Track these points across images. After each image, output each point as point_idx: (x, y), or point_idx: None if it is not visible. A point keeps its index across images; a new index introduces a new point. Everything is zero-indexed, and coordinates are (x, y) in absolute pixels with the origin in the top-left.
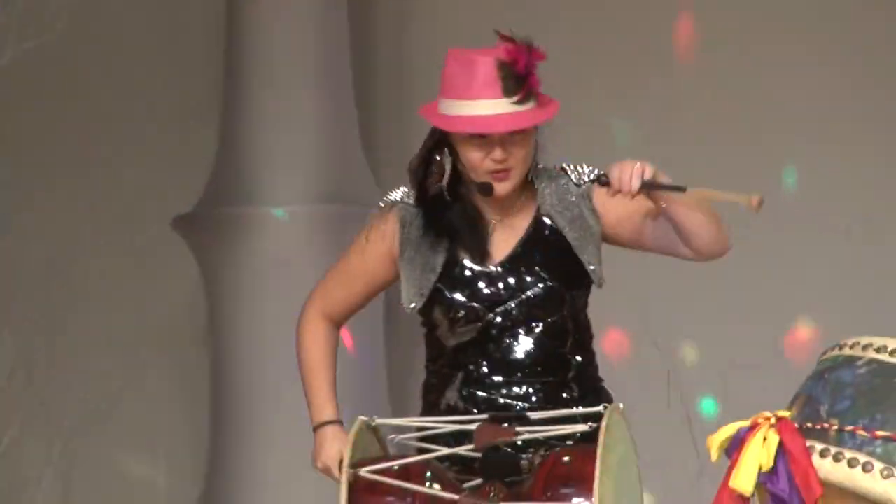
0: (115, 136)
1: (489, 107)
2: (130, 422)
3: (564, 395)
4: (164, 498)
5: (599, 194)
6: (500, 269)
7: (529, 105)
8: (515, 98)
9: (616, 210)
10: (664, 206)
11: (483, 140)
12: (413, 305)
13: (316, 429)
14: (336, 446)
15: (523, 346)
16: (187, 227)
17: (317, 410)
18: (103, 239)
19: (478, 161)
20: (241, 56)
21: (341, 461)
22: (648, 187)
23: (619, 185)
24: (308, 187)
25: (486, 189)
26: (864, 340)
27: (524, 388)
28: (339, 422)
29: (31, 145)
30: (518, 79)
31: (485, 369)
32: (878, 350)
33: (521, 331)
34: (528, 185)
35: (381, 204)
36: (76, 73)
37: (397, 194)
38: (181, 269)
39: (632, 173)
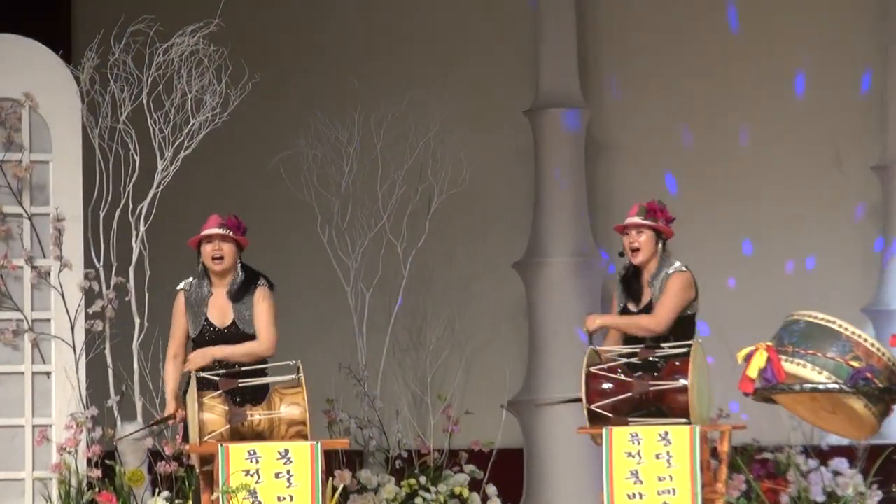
0: (487, 227)
1: (631, 219)
2: (495, 351)
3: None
4: (507, 383)
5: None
6: (642, 308)
7: (650, 221)
8: (642, 217)
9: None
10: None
11: (627, 233)
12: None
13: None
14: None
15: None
16: (519, 267)
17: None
18: (490, 272)
19: (626, 243)
20: (541, 192)
21: None
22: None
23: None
24: (567, 248)
25: (627, 255)
26: (803, 312)
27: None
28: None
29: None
30: (645, 211)
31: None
32: (809, 316)
33: None
34: (655, 266)
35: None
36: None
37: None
38: (517, 286)
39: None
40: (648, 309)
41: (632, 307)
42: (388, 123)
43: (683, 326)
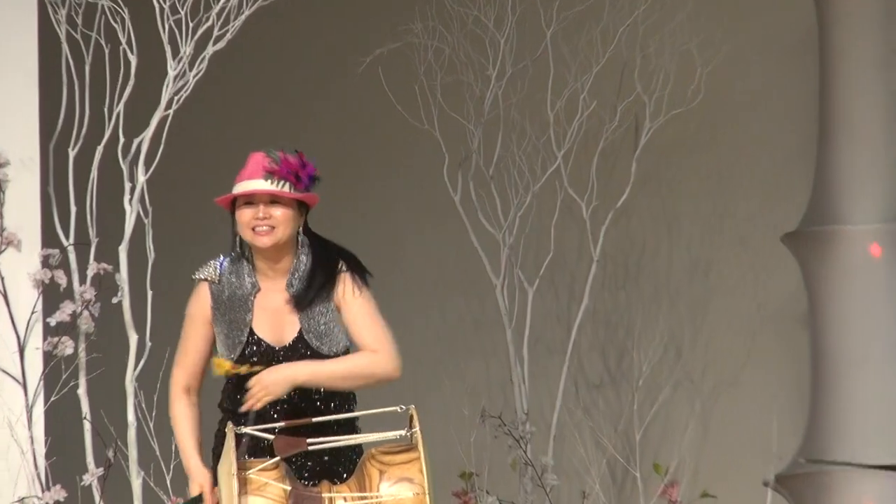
0: (736, 173)
1: None
2: (751, 388)
3: None
4: (776, 445)
5: None
6: None
7: None
8: None
9: None
10: None
11: None
12: None
13: None
14: None
15: None
16: (793, 240)
17: None
18: (743, 249)
19: None
20: (830, 115)
21: None
22: None
23: None
24: (877, 209)
25: None
26: None
27: None
28: None
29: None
30: None
31: None
32: None
33: None
34: None
35: None
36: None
37: None
38: (789, 272)
39: None
40: None
41: None
42: None
43: None
